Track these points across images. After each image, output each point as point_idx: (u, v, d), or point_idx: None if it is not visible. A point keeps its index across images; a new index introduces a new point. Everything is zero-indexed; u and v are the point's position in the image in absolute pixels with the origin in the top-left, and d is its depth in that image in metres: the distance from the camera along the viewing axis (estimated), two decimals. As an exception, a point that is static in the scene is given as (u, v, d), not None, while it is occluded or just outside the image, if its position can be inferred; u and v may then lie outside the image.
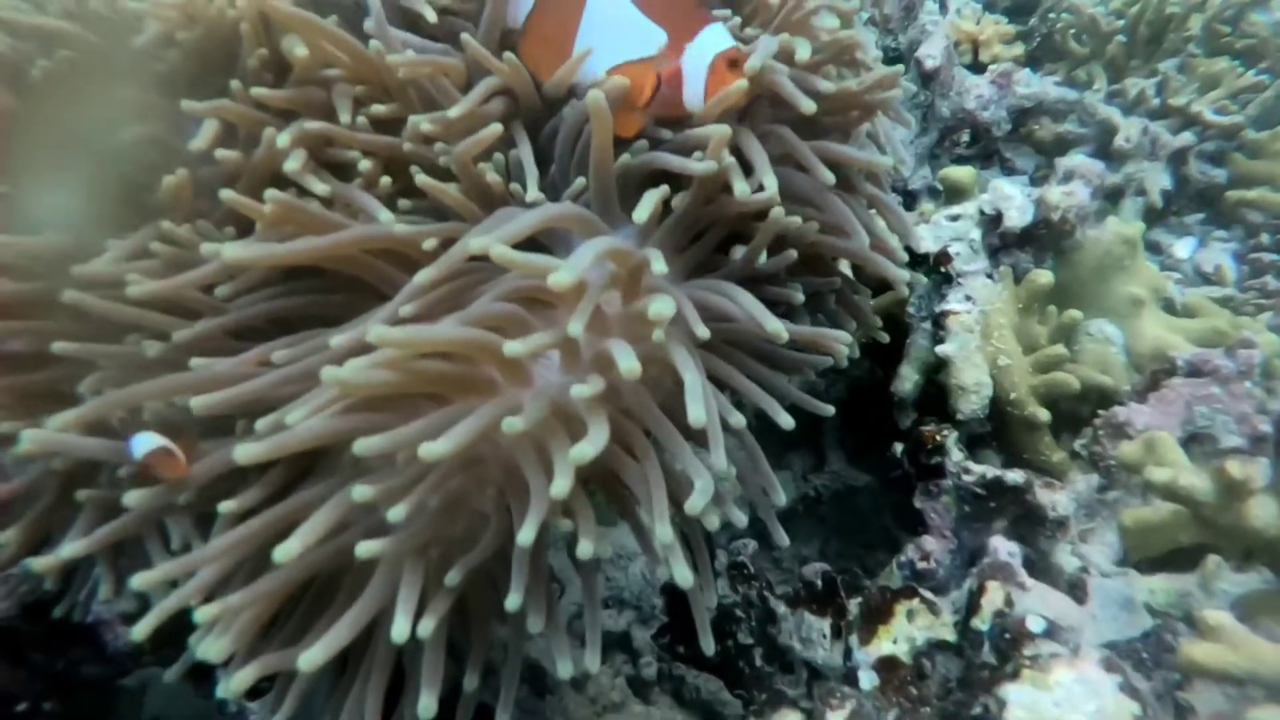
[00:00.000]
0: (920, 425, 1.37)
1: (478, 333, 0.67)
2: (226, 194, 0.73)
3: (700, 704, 1.59)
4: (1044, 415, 1.30)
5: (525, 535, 0.61)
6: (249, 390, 0.68)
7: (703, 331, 0.70)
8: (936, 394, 1.42)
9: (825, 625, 1.25)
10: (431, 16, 0.84)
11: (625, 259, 0.71)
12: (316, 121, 0.79)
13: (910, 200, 2.32)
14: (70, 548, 0.72)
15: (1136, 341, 1.51)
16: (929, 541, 1.25)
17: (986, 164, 2.52)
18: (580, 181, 0.82)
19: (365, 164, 0.81)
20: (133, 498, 0.70)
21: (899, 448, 1.44)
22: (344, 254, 0.75)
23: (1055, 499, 1.23)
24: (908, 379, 1.44)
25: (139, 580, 0.65)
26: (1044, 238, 1.46)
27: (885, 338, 1.15)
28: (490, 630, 0.77)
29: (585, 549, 0.63)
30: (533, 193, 0.80)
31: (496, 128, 0.79)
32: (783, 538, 0.99)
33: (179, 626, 0.67)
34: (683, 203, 0.81)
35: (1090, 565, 1.21)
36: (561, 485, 0.59)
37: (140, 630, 0.66)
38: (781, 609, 1.30)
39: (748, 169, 0.79)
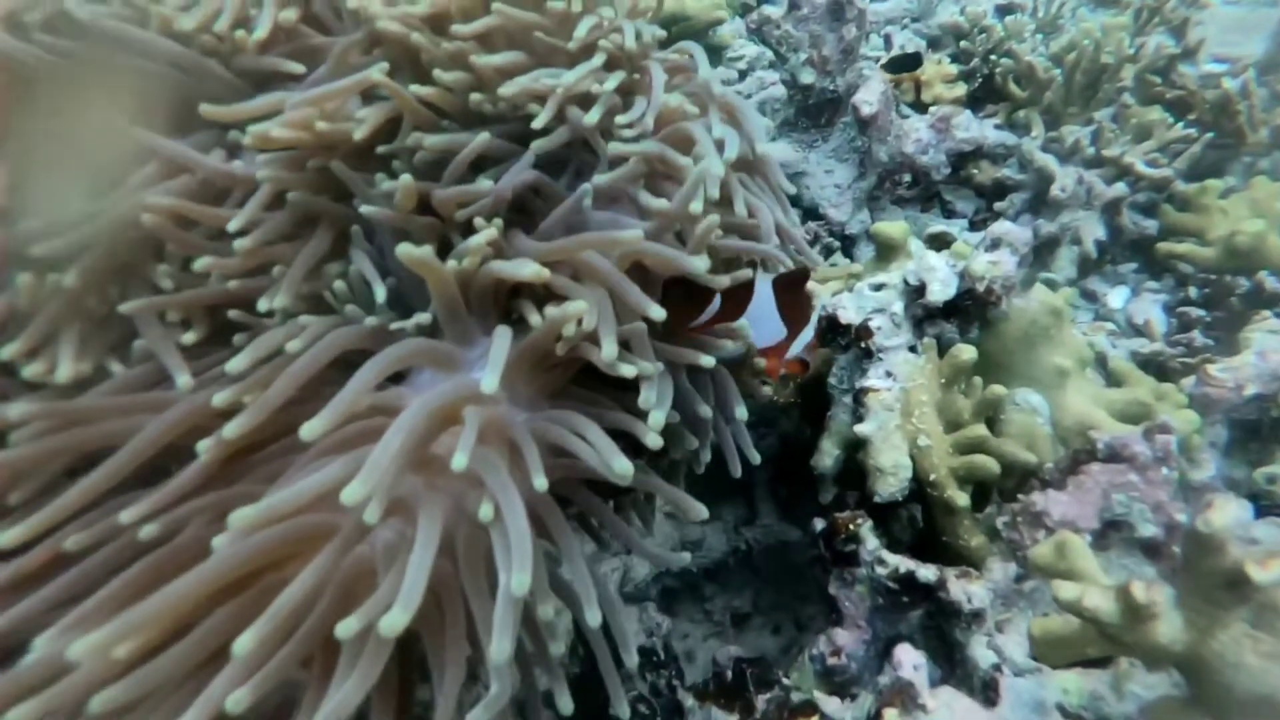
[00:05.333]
0: (836, 511, 1.33)
1: (241, 560, 0.59)
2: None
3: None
4: (962, 500, 1.26)
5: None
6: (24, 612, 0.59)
7: (541, 484, 0.64)
8: (857, 470, 1.38)
9: (733, 722, 1.20)
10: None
11: (454, 411, 0.65)
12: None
13: (849, 245, 2.30)
14: None
15: (1061, 414, 1.49)
16: (840, 635, 1.20)
17: (927, 206, 2.52)
18: (423, 316, 0.76)
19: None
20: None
21: (819, 524, 1.40)
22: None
23: (971, 590, 1.20)
24: (828, 454, 1.40)
25: None
26: (969, 309, 1.43)
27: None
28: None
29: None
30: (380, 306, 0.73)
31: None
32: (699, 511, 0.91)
33: None
34: (534, 335, 0.75)
35: (1005, 660, 1.18)
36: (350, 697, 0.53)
37: None
38: (689, 702, 1.25)
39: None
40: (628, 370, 0.71)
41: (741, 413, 0.87)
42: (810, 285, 1.64)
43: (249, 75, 0.83)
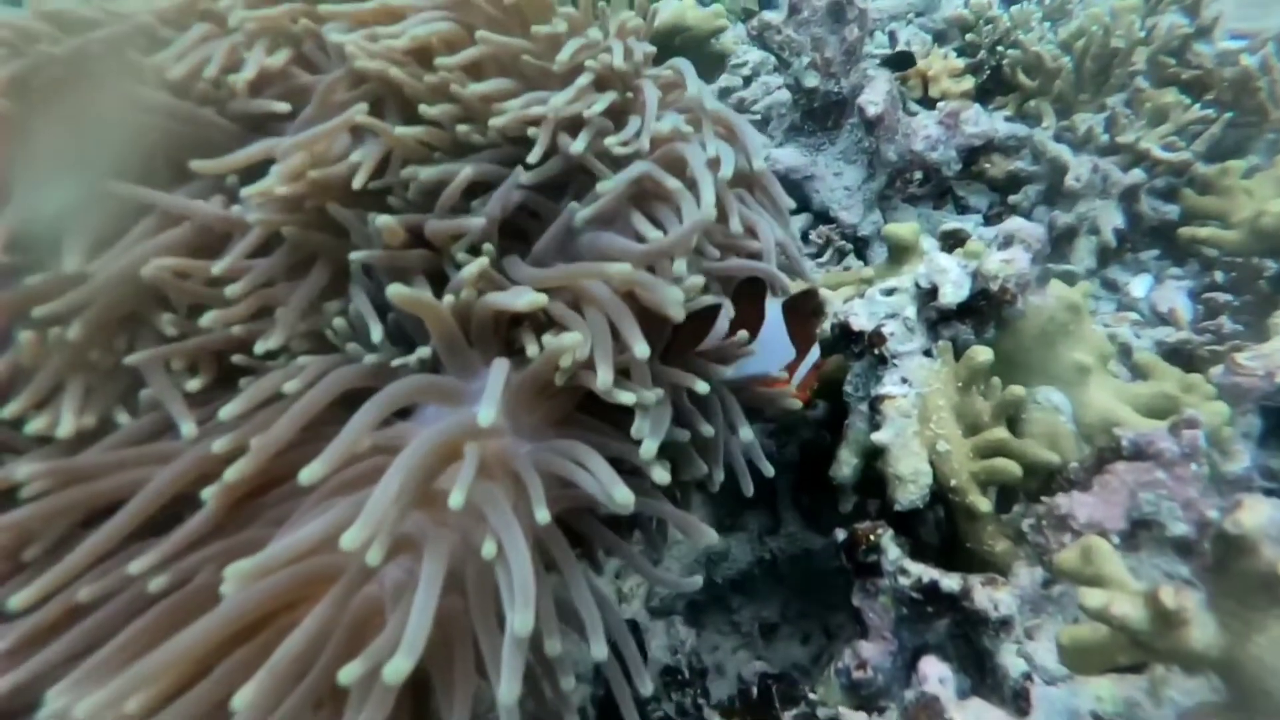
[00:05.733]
0: (857, 520, 1.31)
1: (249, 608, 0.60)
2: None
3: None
4: (984, 505, 1.24)
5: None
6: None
7: (543, 517, 0.64)
8: (877, 478, 1.36)
9: (761, 740, 1.19)
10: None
11: (457, 446, 0.65)
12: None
13: (861, 247, 2.27)
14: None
15: (1084, 411, 1.45)
16: (865, 648, 1.18)
17: (940, 203, 2.48)
18: (424, 351, 0.76)
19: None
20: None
21: (840, 535, 1.38)
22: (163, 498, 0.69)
23: (997, 598, 1.17)
24: (846, 464, 1.38)
25: None
26: (984, 309, 1.41)
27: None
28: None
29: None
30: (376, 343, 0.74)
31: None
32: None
33: None
34: (533, 366, 0.75)
35: (1036, 668, 1.15)
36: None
37: None
38: (716, 721, 1.23)
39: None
40: (626, 397, 0.71)
41: (746, 433, 0.86)
42: (822, 294, 1.63)
43: (244, 120, 0.85)
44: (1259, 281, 1.96)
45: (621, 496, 0.65)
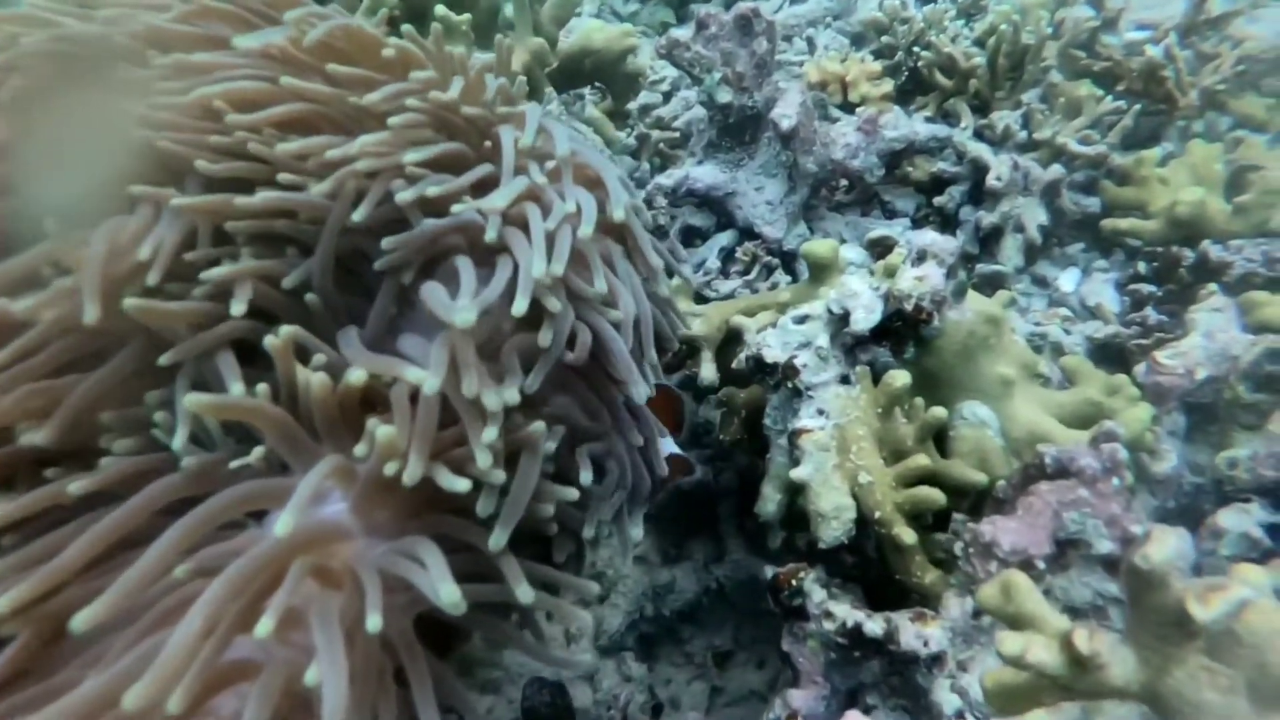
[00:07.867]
0: (789, 553, 1.27)
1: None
2: None
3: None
4: (909, 537, 1.20)
5: None
6: None
7: (374, 625, 0.58)
8: (803, 513, 1.32)
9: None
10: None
11: (286, 564, 0.58)
12: None
13: (789, 260, 2.24)
14: None
15: (1011, 425, 1.43)
16: (795, 696, 1.14)
17: (867, 209, 2.46)
18: (258, 451, 0.69)
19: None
20: None
21: (769, 572, 1.33)
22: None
23: (926, 634, 1.14)
24: (770, 500, 1.34)
25: None
26: (901, 330, 1.37)
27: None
28: None
29: None
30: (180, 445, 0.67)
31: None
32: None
33: None
34: (368, 463, 0.68)
35: (970, 704, 1.12)
36: None
37: None
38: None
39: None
40: (460, 485, 0.65)
41: (588, 531, 0.81)
42: (739, 320, 1.58)
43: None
44: (1179, 270, 1.97)
45: (448, 596, 0.59)
